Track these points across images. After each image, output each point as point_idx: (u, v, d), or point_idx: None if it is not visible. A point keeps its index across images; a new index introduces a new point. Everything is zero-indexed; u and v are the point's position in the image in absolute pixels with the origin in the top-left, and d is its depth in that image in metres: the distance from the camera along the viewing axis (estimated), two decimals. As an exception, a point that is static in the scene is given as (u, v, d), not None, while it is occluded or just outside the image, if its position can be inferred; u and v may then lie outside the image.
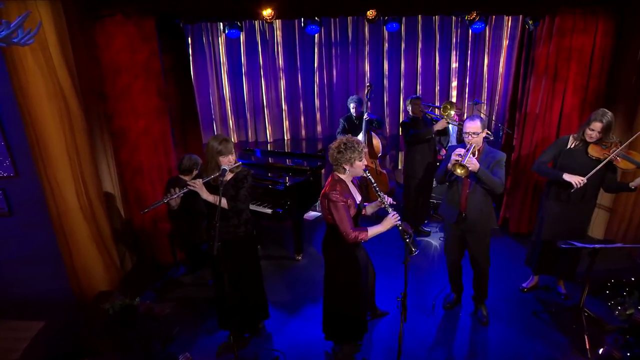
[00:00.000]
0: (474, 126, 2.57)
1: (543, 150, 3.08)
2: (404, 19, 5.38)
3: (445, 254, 3.03)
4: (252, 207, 3.73)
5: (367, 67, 5.61)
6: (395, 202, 2.38)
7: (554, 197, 2.95)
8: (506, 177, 4.51)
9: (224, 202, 2.44)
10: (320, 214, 5.11)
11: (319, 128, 5.85)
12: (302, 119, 5.73)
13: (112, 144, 3.78)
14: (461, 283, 3.15)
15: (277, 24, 5.31)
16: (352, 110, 4.86)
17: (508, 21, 5.41)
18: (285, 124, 5.77)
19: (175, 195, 2.55)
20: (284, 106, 5.69)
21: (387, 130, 5.94)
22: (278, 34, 5.36)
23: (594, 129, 2.68)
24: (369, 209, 2.48)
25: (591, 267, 2.61)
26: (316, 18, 4.48)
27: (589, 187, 2.79)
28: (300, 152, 5.09)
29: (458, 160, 2.47)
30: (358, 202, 2.35)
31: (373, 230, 2.22)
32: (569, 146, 2.85)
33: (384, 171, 4.76)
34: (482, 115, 5.63)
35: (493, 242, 4.15)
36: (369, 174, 2.27)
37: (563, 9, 3.67)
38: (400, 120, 5.46)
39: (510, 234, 4.35)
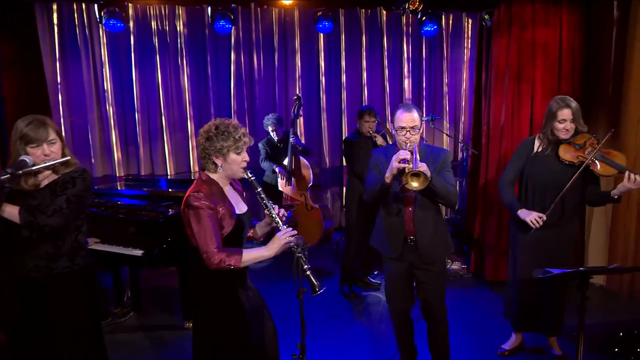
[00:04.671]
0: (411, 118, 2.38)
1: (507, 164, 2.98)
2: (342, 20, 5.54)
3: (388, 302, 2.73)
4: (116, 249, 3.33)
5: (298, 79, 5.62)
6: (292, 219, 2.08)
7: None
8: (474, 208, 4.67)
9: (15, 215, 1.98)
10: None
11: None
12: None
13: None
14: (414, 345, 2.82)
15: (180, 18, 5.21)
16: (272, 133, 4.76)
17: (467, 25, 5.79)
18: (193, 153, 5.50)
19: None
20: (190, 129, 5.46)
21: (327, 161, 5.83)
22: (182, 34, 5.27)
23: (565, 119, 2.63)
24: (259, 230, 2.26)
25: (583, 305, 2.35)
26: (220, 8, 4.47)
27: (568, 204, 2.73)
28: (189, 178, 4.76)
29: (408, 168, 2.20)
30: (240, 213, 2.06)
31: (253, 254, 1.96)
32: (535, 150, 2.80)
33: (317, 206, 4.52)
34: (445, 134, 5.72)
35: (465, 293, 4.04)
36: (251, 176, 2.03)
37: (518, -4, 3.84)
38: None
39: (486, 283, 4.24)
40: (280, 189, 4.66)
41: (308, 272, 1.95)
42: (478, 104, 4.63)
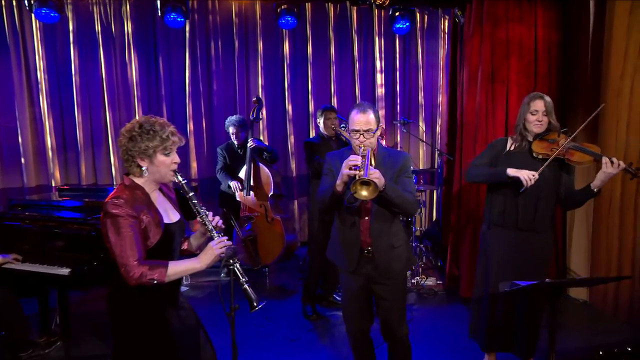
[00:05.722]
0: (365, 120, 2.36)
1: (476, 156, 3.06)
2: (309, 15, 5.56)
3: (345, 321, 2.70)
4: (38, 268, 3.18)
5: (260, 79, 5.61)
6: (223, 226, 2.07)
7: (498, 221, 2.89)
8: (448, 217, 4.71)
9: None
10: (186, 287, 4.53)
11: (194, 165, 5.55)
12: None
13: None
14: None
15: (127, 9, 5.12)
16: (233, 137, 4.70)
17: (444, 23, 5.87)
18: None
19: None
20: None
21: (293, 168, 5.80)
22: (129, 27, 5.18)
23: (538, 110, 2.75)
24: (193, 241, 2.23)
25: (553, 322, 2.35)
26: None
27: (540, 207, 2.79)
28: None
29: (358, 175, 2.17)
30: (169, 222, 2.01)
31: (181, 267, 1.94)
32: (508, 148, 2.89)
33: (278, 217, 4.50)
34: (421, 139, 5.75)
35: (439, 311, 4.04)
36: (182, 179, 1.99)
37: (491, -9, 3.92)
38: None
39: (460, 300, 4.24)
40: (238, 199, 4.59)
41: (246, 286, 1.94)
42: (453, 106, 4.67)
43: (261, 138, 5.68)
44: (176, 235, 2.05)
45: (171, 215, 2.06)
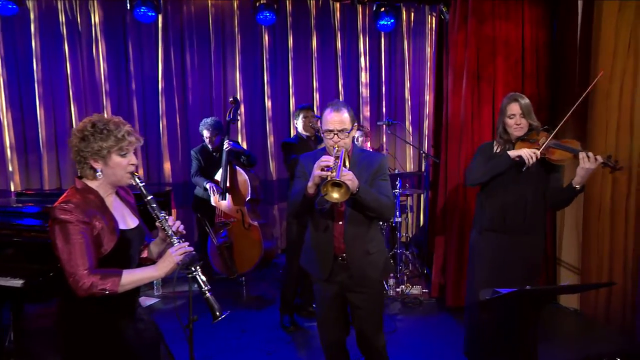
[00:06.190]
0: (340, 119, 2.35)
1: (471, 161, 3.10)
2: (289, 10, 5.53)
3: (319, 331, 2.69)
4: None
5: (238, 75, 5.57)
6: (184, 232, 2.03)
7: (489, 225, 2.92)
8: (434, 223, 4.64)
9: None
10: (157, 299, 4.43)
11: (167, 166, 5.49)
12: (140, 155, 5.39)
13: None
14: None
15: (94, 1, 5.04)
16: (207, 141, 4.64)
17: (432, 20, 5.86)
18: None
19: None
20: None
21: (273, 171, 5.76)
22: (96, 20, 5.09)
23: (514, 113, 2.81)
24: (154, 248, 2.19)
25: (536, 330, 2.34)
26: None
27: (529, 209, 2.84)
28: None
29: (330, 177, 2.16)
30: (126, 228, 1.98)
31: (137, 275, 1.89)
32: (494, 152, 2.97)
33: (256, 223, 4.42)
34: (406, 141, 5.73)
35: (425, 321, 4.01)
36: (140, 182, 1.95)
37: (476, -14, 3.93)
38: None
39: (447, 310, 4.22)
40: (213, 203, 4.50)
41: (208, 295, 1.91)
42: (439, 106, 4.67)
43: (239, 138, 5.62)
44: (134, 242, 2.00)
45: (128, 221, 2.02)
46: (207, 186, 4.46)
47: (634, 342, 3.59)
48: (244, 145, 5.64)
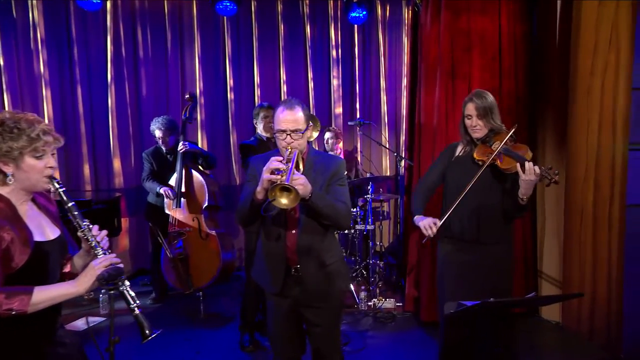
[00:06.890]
0: (293, 118, 2.33)
1: (429, 166, 3.10)
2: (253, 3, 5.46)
3: (272, 350, 2.68)
4: None
5: (198, 71, 5.50)
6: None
7: (446, 233, 2.93)
8: (408, 231, 4.55)
9: None
10: (103, 318, 4.27)
11: (116, 164, 5.38)
12: (86, 159, 5.29)
13: None
14: None
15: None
16: (159, 141, 4.52)
17: (408, 14, 5.85)
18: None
19: None
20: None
21: (236, 175, 5.68)
22: (35, 7, 4.96)
23: (470, 114, 2.79)
24: (77, 261, 2.07)
25: (500, 345, 2.29)
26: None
27: (482, 218, 2.82)
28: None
29: (279, 180, 2.14)
30: (42, 240, 1.88)
31: (51, 292, 1.80)
32: (457, 154, 2.98)
33: (214, 233, 4.33)
34: (379, 142, 5.68)
35: (397, 337, 3.98)
36: (59, 187, 1.90)
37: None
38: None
39: (422, 324, 4.21)
40: (167, 211, 4.37)
41: (137, 312, 1.85)
42: (413, 105, 4.64)
43: (198, 136, 5.55)
44: (52, 255, 1.89)
45: (47, 232, 1.91)
46: (161, 191, 4.34)
47: (617, 358, 3.59)
48: (204, 145, 5.55)
